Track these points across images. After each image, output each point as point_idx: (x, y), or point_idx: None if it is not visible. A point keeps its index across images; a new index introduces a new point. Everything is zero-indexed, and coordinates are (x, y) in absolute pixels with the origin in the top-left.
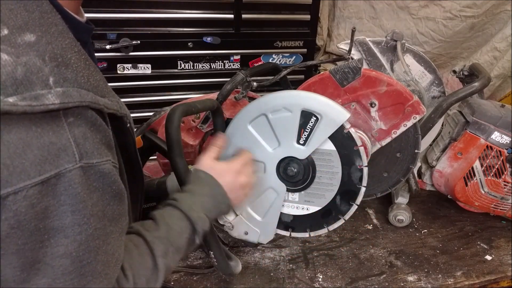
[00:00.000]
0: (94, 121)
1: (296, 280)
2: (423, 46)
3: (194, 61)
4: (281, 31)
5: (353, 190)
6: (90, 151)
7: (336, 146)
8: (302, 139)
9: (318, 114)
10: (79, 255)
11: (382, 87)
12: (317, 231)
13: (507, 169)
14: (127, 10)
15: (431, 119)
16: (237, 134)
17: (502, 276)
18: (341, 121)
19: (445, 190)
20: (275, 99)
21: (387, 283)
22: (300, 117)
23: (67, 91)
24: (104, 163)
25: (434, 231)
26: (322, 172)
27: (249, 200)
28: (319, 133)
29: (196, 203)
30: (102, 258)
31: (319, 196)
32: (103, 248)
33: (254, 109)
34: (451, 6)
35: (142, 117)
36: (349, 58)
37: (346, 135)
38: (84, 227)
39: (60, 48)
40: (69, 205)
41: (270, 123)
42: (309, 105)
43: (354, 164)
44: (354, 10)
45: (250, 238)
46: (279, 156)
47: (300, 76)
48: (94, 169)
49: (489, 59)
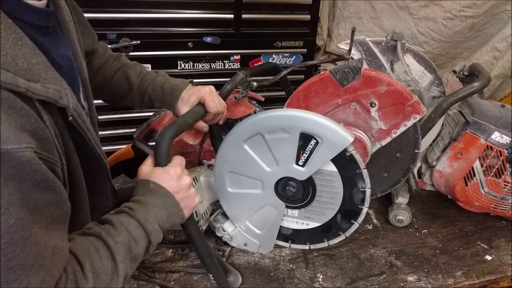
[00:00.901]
0: (12, 104)
1: (296, 280)
2: (423, 46)
3: (194, 61)
4: (281, 31)
5: (355, 210)
6: (5, 136)
7: (338, 168)
8: (301, 161)
9: (319, 138)
10: (2, 248)
11: (382, 87)
12: (316, 244)
13: (507, 169)
14: (127, 10)
15: (431, 119)
16: (232, 152)
17: (502, 276)
18: (343, 145)
19: (445, 190)
20: (271, 120)
21: (387, 283)
22: (299, 139)
23: None
24: (23, 150)
25: (434, 231)
26: (322, 192)
27: (247, 214)
28: (319, 156)
29: (150, 214)
30: (31, 249)
31: (320, 214)
32: (31, 238)
33: (249, 128)
34: (451, 6)
35: (142, 117)
36: (349, 58)
37: (348, 157)
38: (3, 218)
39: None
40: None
41: (267, 143)
42: (308, 127)
43: (356, 186)
44: (354, 10)
45: (249, 249)
46: (277, 176)
47: (300, 76)
48: (9, 156)
49: (489, 59)
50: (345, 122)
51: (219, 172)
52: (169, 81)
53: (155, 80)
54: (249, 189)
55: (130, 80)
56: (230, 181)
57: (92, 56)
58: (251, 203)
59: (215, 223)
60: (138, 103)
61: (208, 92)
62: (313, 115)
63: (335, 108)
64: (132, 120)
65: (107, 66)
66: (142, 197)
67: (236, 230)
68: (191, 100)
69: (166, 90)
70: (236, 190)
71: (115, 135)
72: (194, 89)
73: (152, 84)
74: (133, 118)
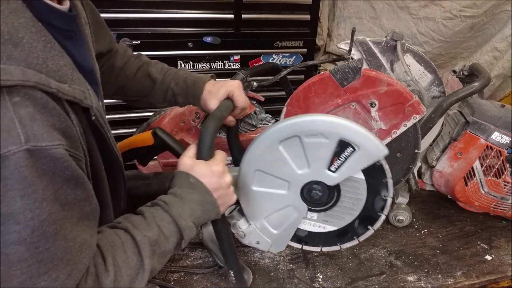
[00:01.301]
0: (45, 104)
1: (296, 280)
2: (423, 46)
3: (194, 61)
4: (281, 31)
5: (373, 216)
6: (39, 134)
7: (366, 175)
8: (333, 167)
9: (356, 146)
10: (34, 241)
11: (382, 87)
12: (329, 247)
13: (507, 169)
14: (127, 10)
15: (431, 119)
16: (264, 151)
17: (502, 276)
18: (378, 156)
19: (445, 190)
20: (313, 124)
21: (387, 283)
22: (336, 146)
23: (7, 69)
24: (56, 147)
25: (434, 231)
26: (346, 197)
27: (266, 213)
28: (353, 163)
29: (185, 210)
30: (61, 244)
31: (339, 218)
32: (62, 233)
33: (288, 129)
34: (451, 6)
35: (142, 117)
36: (349, 58)
37: (378, 166)
38: (36, 212)
39: (10, 26)
40: (18, 189)
41: (303, 146)
42: (348, 135)
43: (379, 194)
44: (354, 10)
45: (261, 247)
46: (307, 179)
47: (300, 76)
48: (43, 153)
49: (489, 59)
50: None
51: (246, 169)
52: (191, 75)
53: (177, 75)
54: (275, 189)
55: (152, 77)
56: (256, 179)
57: (112, 56)
58: (273, 203)
59: (230, 219)
60: (161, 100)
61: (236, 86)
62: (354, 124)
63: (335, 108)
64: (132, 120)
65: (129, 66)
66: (179, 189)
67: (251, 228)
68: (220, 93)
69: (189, 83)
70: (260, 189)
71: (115, 135)
72: (222, 82)
73: (175, 78)
74: (133, 118)
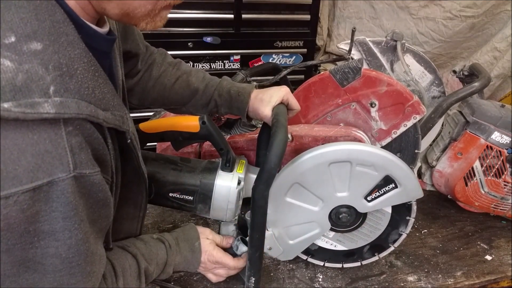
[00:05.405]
0: (91, 134)
1: (296, 280)
2: (423, 46)
3: (194, 61)
4: (281, 31)
5: (384, 246)
6: (85, 162)
7: (393, 210)
8: (370, 197)
9: (399, 184)
10: (69, 257)
11: (382, 87)
12: (332, 264)
13: (507, 169)
14: None
15: (431, 119)
16: (311, 168)
17: (502, 276)
18: (414, 197)
19: (445, 190)
20: (369, 155)
21: (387, 283)
22: (381, 179)
23: (65, 102)
24: (96, 173)
25: (434, 231)
26: (367, 225)
27: (289, 223)
28: (389, 198)
29: (176, 260)
30: (89, 259)
31: (352, 241)
32: (90, 249)
33: (344, 154)
34: (451, 6)
35: (142, 117)
36: (349, 58)
37: (407, 205)
38: (74, 233)
39: (67, 58)
40: (61, 212)
41: (351, 173)
42: (395, 173)
43: (397, 228)
44: (354, 10)
45: (270, 253)
46: (341, 202)
47: (300, 76)
48: (85, 179)
49: (489, 59)
50: (345, 122)
51: (284, 180)
52: (234, 85)
53: (221, 85)
54: (307, 204)
55: (192, 87)
56: (292, 191)
57: (150, 66)
58: (300, 216)
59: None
60: (201, 109)
61: (288, 92)
62: (404, 164)
63: (335, 108)
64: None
65: (167, 75)
66: (182, 243)
67: (268, 233)
68: (273, 100)
69: (233, 94)
70: (293, 201)
71: None
72: (272, 89)
73: (218, 89)
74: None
